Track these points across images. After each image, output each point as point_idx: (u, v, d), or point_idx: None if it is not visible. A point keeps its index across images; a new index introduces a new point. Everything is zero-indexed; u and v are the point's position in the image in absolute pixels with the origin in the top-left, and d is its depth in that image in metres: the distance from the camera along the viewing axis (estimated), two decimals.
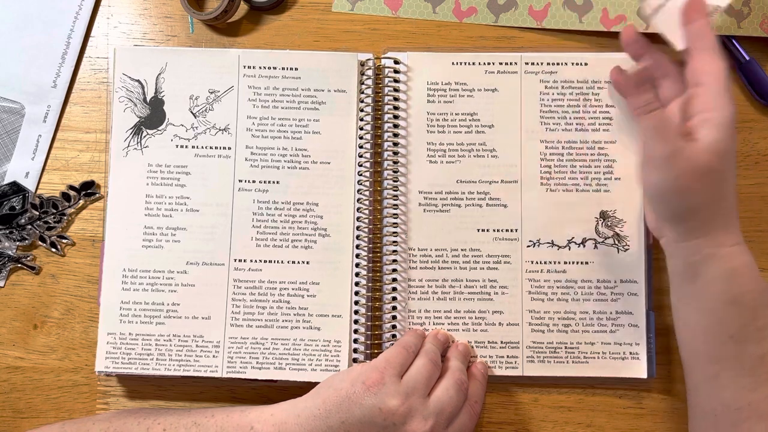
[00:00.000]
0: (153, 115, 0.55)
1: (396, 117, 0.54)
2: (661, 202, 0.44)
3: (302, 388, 0.54)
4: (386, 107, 0.54)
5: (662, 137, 0.42)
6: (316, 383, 0.52)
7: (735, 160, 0.44)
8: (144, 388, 0.55)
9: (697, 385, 0.45)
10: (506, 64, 0.54)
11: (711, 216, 0.42)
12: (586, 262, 0.53)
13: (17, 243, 0.56)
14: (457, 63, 0.55)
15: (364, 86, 0.55)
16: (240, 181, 0.54)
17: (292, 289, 0.53)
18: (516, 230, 0.53)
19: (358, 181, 0.54)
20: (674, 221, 0.44)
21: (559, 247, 0.53)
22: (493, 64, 0.54)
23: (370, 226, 0.54)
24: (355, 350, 0.53)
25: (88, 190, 0.56)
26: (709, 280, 0.43)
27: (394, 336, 0.53)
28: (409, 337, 0.50)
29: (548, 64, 0.54)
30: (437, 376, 0.48)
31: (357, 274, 0.53)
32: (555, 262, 0.53)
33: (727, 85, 0.42)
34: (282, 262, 0.53)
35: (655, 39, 0.55)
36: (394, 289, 0.53)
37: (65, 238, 0.56)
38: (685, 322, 0.45)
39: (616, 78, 0.51)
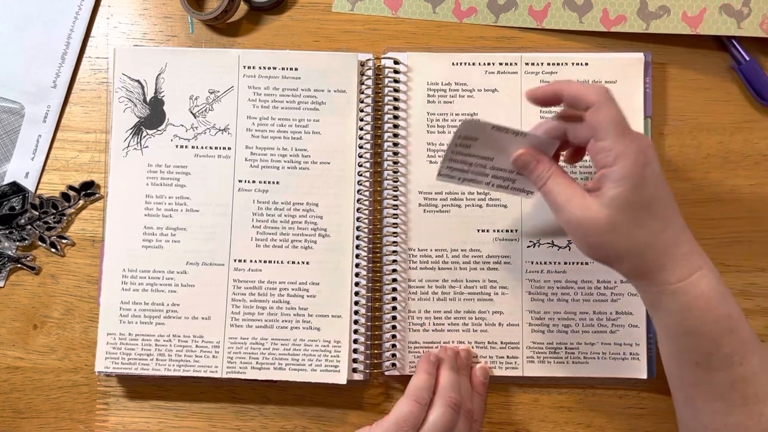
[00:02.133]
0: (153, 115, 0.55)
1: (396, 117, 0.54)
2: (588, 257, 0.43)
3: (302, 389, 0.54)
4: (386, 107, 0.54)
5: (556, 206, 0.42)
6: (316, 383, 0.52)
7: (653, 206, 0.40)
8: (144, 388, 0.55)
9: (678, 405, 0.45)
10: (506, 64, 0.54)
11: (638, 263, 0.41)
12: (586, 263, 0.53)
13: (17, 243, 0.56)
14: (457, 63, 0.55)
15: (364, 86, 0.55)
16: (240, 181, 0.54)
17: (292, 289, 0.53)
18: (516, 230, 0.53)
19: (358, 181, 0.54)
20: (610, 268, 0.43)
21: (559, 247, 0.53)
22: (493, 64, 0.54)
23: (370, 226, 0.54)
24: (355, 350, 0.53)
25: (88, 190, 0.56)
26: (665, 314, 0.42)
27: (394, 336, 0.53)
28: (419, 380, 0.48)
29: (548, 64, 0.54)
30: (457, 420, 0.47)
31: (357, 275, 0.53)
32: (555, 263, 0.53)
33: (630, 134, 0.40)
34: (282, 262, 0.53)
35: (658, 38, 0.55)
36: (394, 289, 0.53)
37: (65, 238, 0.56)
38: (660, 345, 0.44)
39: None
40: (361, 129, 0.54)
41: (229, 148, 0.54)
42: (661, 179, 0.41)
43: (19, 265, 0.56)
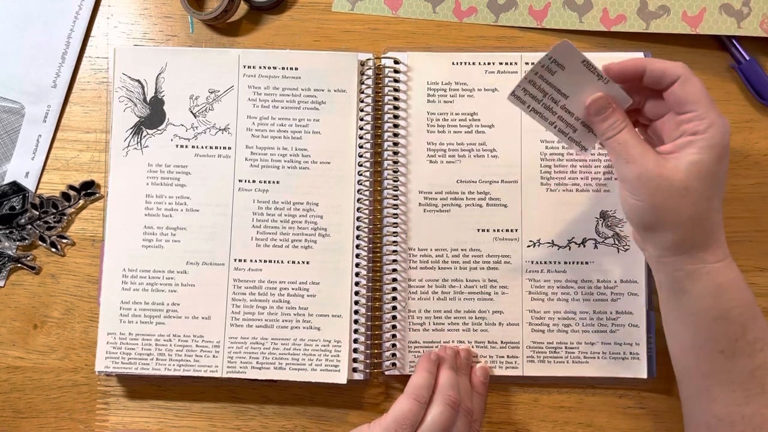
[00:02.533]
0: (153, 115, 0.55)
1: (396, 117, 0.54)
2: (639, 220, 0.43)
3: (302, 388, 0.54)
4: (386, 107, 0.54)
5: (628, 158, 0.42)
6: (316, 383, 0.52)
7: (721, 184, 0.42)
8: (144, 388, 0.55)
9: (689, 397, 0.45)
10: (506, 64, 0.54)
11: (690, 235, 0.42)
12: (586, 262, 0.53)
13: (17, 243, 0.56)
14: (457, 63, 0.55)
15: (364, 86, 0.55)
16: (240, 181, 0.54)
17: (292, 289, 0.53)
18: (516, 230, 0.53)
19: (358, 181, 0.54)
20: (653, 237, 0.43)
21: (559, 247, 0.53)
22: (493, 64, 0.54)
23: (370, 226, 0.54)
24: (355, 350, 0.53)
25: (88, 190, 0.56)
26: (695, 296, 0.42)
27: (394, 336, 0.53)
28: (419, 378, 0.48)
29: None
30: (456, 419, 0.47)
31: (357, 274, 0.53)
32: (555, 262, 0.53)
33: (717, 110, 0.41)
34: (282, 262, 0.53)
35: (658, 38, 0.55)
36: (394, 289, 0.53)
37: (65, 238, 0.56)
38: (675, 336, 0.45)
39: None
40: (361, 129, 0.54)
41: (229, 148, 0.54)
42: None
43: (19, 265, 0.56)
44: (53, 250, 0.56)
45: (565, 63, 0.43)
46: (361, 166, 0.54)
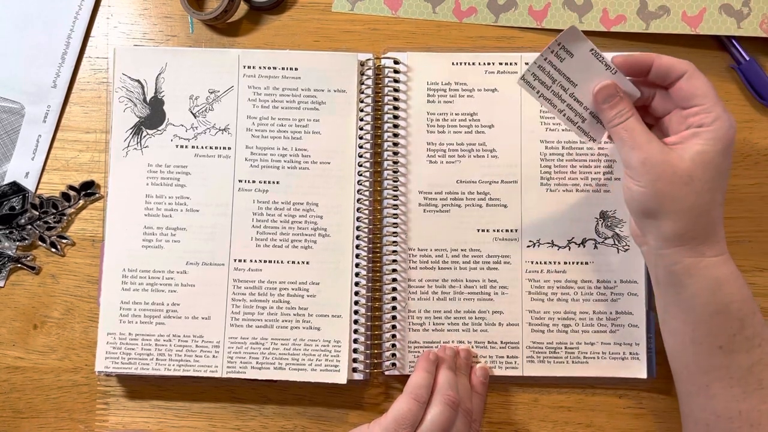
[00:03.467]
0: (153, 115, 0.55)
1: (396, 117, 0.54)
2: (642, 208, 0.43)
3: (302, 388, 0.54)
4: (386, 107, 0.54)
5: (634, 144, 0.42)
6: (316, 383, 0.52)
7: (724, 179, 0.42)
8: (144, 388, 0.55)
9: (688, 395, 0.45)
10: (506, 64, 0.54)
11: (691, 225, 0.42)
12: (586, 262, 0.53)
13: (17, 243, 0.56)
14: (457, 63, 0.55)
15: (364, 86, 0.55)
16: (240, 181, 0.54)
17: (292, 289, 0.53)
18: (516, 230, 0.53)
19: (358, 181, 0.54)
20: (653, 226, 0.43)
21: (559, 247, 0.53)
22: (493, 64, 0.54)
23: (370, 226, 0.54)
24: (355, 350, 0.53)
25: (88, 190, 0.56)
26: (693, 292, 0.42)
27: (394, 336, 0.53)
28: (418, 378, 0.48)
29: None
30: (455, 419, 0.47)
31: (357, 274, 0.53)
32: (555, 262, 0.53)
33: (724, 106, 0.42)
34: (282, 262, 0.53)
35: (658, 38, 0.55)
36: (394, 289, 0.53)
37: (65, 238, 0.56)
38: (673, 332, 0.45)
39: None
40: (361, 129, 0.54)
41: (229, 148, 0.54)
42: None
43: (19, 265, 0.56)
44: (53, 250, 0.56)
45: (573, 50, 0.43)
46: (361, 166, 0.54)
